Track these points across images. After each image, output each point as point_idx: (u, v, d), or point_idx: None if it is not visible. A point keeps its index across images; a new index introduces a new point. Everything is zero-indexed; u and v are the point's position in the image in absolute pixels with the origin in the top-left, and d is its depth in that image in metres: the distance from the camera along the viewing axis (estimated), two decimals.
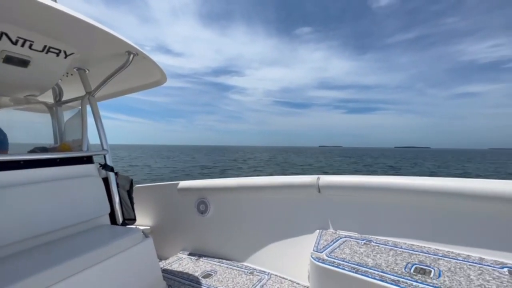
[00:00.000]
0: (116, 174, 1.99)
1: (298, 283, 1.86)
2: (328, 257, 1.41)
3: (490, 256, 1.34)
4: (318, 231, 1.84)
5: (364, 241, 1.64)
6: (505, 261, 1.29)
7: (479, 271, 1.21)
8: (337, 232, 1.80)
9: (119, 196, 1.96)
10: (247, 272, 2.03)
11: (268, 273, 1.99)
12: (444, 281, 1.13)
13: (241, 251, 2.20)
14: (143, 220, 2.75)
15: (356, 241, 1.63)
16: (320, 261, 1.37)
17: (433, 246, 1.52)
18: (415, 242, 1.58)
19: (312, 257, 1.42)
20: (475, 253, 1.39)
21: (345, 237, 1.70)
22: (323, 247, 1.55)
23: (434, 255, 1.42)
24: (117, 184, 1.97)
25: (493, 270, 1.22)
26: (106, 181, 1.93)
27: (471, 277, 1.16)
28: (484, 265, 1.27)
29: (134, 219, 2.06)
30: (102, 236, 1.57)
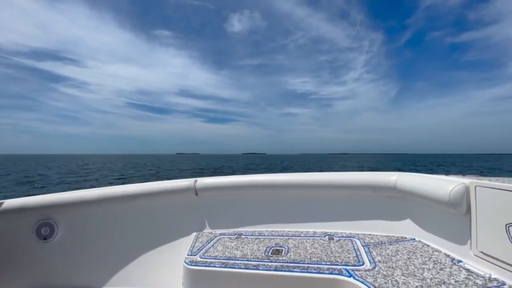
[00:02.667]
0: None
1: None
2: (202, 258, 1.51)
3: (320, 229, 1.93)
4: (195, 233, 1.89)
5: (236, 235, 1.84)
6: (327, 231, 1.90)
7: (312, 242, 1.69)
8: (213, 232, 1.93)
9: None
10: None
11: None
12: (290, 255, 1.49)
13: (104, 275, 1.77)
14: None
15: (229, 237, 1.80)
16: (193, 264, 1.45)
17: (286, 229, 1.96)
18: (275, 228, 1.97)
19: (185, 262, 1.49)
20: (311, 229, 1.93)
21: (219, 235, 1.84)
22: (198, 249, 1.63)
23: (286, 236, 1.82)
24: None
25: (320, 238, 1.76)
26: None
27: (307, 248, 1.59)
28: (316, 236, 1.81)
29: None
30: None
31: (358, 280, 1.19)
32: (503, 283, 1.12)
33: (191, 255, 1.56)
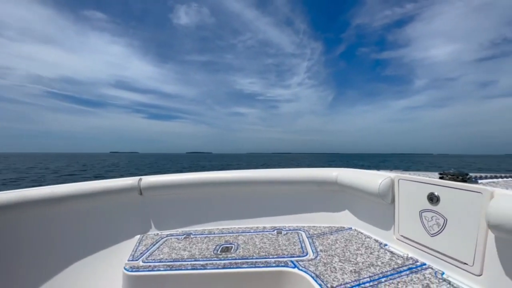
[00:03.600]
0: None
1: None
2: (145, 262, 1.43)
3: (269, 224, 2.01)
4: (138, 236, 1.81)
5: (184, 235, 1.80)
6: (276, 225, 2.00)
7: (262, 237, 1.76)
8: (160, 233, 1.86)
9: None
10: None
11: None
12: (239, 252, 1.52)
13: (35, 285, 1.49)
14: None
15: (177, 238, 1.76)
16: (134, 269, 1.36)
17: (237, 225, 1.98)
18: (225, 226, 1.98)
19: (125, 268, 1.38)
20: (261, 224, 2.01)
21: (166, 236, 1.78)
22: (141, 253, 1.55)
23: (236, 233, 1.84)
24: None
25: (269, 233, 1.83)
26: None
27: (256, 243, 1.65)
28: (265, 231, 1.87)
29: None
30: None
31: (301, 270, 1.28)
32: (417, 260, 1.36)
33: (132, 260, 1.48)
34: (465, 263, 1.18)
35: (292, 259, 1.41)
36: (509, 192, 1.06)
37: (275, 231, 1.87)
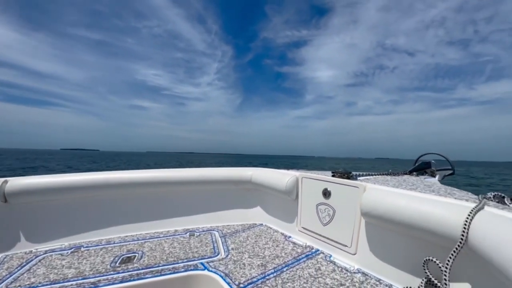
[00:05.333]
0: None
1: None
2: None
3: (181, 226, 1.89)
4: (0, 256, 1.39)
5: (72, 249, 1.48)
6: (189, 227, 1.89)
7: (172, 241, 1.64)
8: (35, 250, 1.46)
9: None
10: None
11: None
12: (144, 261, 1.35)
13: None
14: None
15: (60, 254, 1.42)
16: None
17: (144, 231, 1.79)
18: (129, 232, 1.76)
19: None
20: (172, 227, 1.86)
21: (45, 253, 1.42)
22: (1, 278, 1.17)
23: (143, 240, 1.65)
24: None
25: (181, 236, 1.72)
26: None
27: (165, 248, 1.52)
28: (177, 235, 1.75)
29: None
30: None
31: (211, 271, 1.26)
32: (313, 248, 1.59)
33: None
34: (345, 245, 1.44)
35: (203, 260, 1.38)
36: (376, 186, 1.38)
37: (188, 233, 1.79)
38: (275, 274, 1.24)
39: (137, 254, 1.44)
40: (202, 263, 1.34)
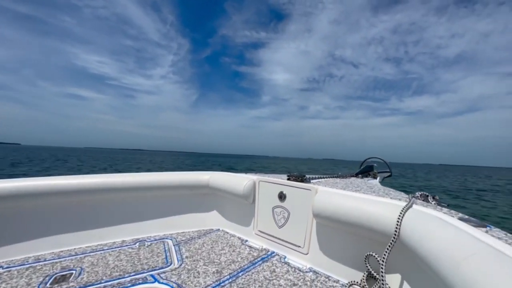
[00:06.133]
0: None
1: None
2: None
3: (130, 236, 1.72)
4: None
5: None
6: (139, 236, 1.73)
7: (118, 253, 1.45)
8: None
9: None
10: None
11: None
12: (82, 278, 1.17)
13: None
14: None
15: None
16: None
17: (84, 244, 1.56)
18: (64, 247, 1.51)
19: None
20: (119, 238, 1.68)
21: None
22: None
23: (82, 254, 1.43)
24: None
25: (129, 247, 1.55)
26: None
27: (109, 262, 1.33)
28: (124, 246, 1.58)
29: None
30: None
31: (162, 283, 1.18)
32: (268, 250, 1.62)
33: None
34: (299, 246, 1.50)
35: (153, 272, 1.27)
36: (326, 188, 1.46)
37: (137, 243, 1.65)
38: (230, 280, 1.22)
39: (74, 272, 1.24)
40: (152, 275, 1.24)
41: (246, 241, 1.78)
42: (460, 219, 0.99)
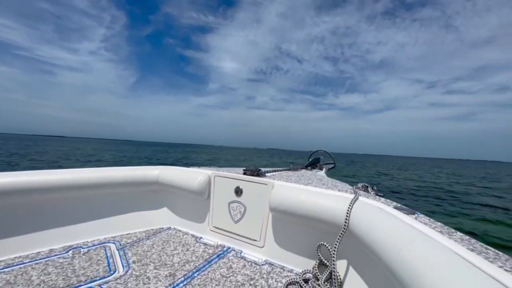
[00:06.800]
0: None
1: None
2: None
3: (60, 244, 1.44)
4: None
5: None
6: (73, 243, 1.44)
7: (44, 267, 1.19)
8: None
9: None
10: None
11: None
12: None
13: None
14: None
15: None
16: None
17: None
18: None
19: None
20: (46, 247, 1.38)
21: None
22: None
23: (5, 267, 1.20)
24: None
25: (59, 257, 1.29)
26: None
27: (33, 278, 1.09)
28: (52, 256, 1.31)
29: None
30: None
31: None
32: (224, 246, 1.59)
33: None
34: (255, 240, 1.53)
35: (93, 284, 1.10)
36: (282, 183, 1.50)
37: (70, 251, 1.38)
38: (185, 282, 1.16)
39: None
40: (91, 287, 1.07)
41: (201, 238, 1.72)
42: (395, 207, 1.12)
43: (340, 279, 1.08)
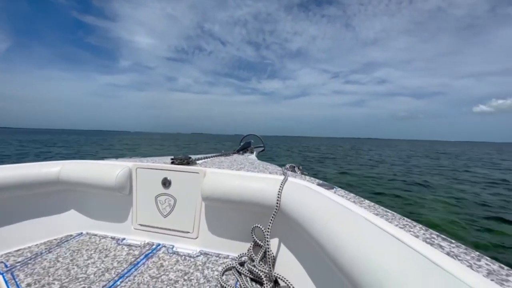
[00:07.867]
0: None
1: None
2: None
3: None
4: None
5: None
6: None
7: None
8: None
9: None
10: None
11: None
12: None
13: None
14: None
15: None
16: None
17: None
18: None
19: None
20: None
21: None
22: None
23: None
24: None
25: None
26: None
27: None
28: None
29: None
30: None
31: None
32: (153, 244, 1.44)
33: None
34: (188, 232, 1.44)
35: None
36: (214, 170, 1.46)
37: None
38: None
39: None
40: None
41: (124, 239, 1.47)
42: (318, 184, 1.25)
43: (274, 256, 1.14)
